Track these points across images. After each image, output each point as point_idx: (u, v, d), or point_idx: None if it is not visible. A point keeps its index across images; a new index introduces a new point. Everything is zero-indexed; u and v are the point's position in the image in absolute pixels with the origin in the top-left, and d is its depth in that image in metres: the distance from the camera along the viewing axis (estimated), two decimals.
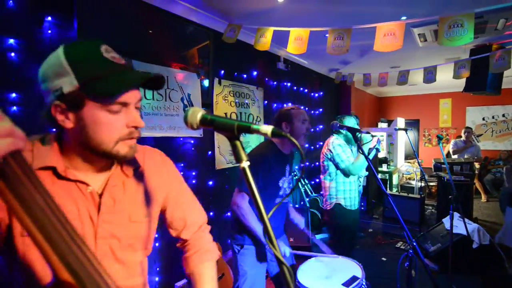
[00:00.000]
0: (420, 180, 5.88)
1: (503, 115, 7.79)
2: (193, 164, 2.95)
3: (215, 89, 3.25)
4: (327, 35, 2.63)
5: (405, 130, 3.19)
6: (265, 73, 4.09)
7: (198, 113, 0.57)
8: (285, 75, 4.50)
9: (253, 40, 2.94)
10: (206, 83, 3.12)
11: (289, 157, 1.80)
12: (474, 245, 3.19)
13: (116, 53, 0.68)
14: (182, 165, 2.83)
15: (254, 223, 1.60)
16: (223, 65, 3.34)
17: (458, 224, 3.11)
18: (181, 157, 2.83)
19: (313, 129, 5.27)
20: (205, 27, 3.08)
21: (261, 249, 1.74)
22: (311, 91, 5.39)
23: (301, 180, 4.61)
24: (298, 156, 3.33)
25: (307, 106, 5.20)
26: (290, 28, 2.77)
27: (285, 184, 1.78)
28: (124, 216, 0.75)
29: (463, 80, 4.09)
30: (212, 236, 1.01)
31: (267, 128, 0.52)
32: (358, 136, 2.23)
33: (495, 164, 6.96)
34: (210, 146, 3.21)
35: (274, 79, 4.29)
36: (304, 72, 5.19)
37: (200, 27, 3.03)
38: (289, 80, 4.66)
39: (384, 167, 6.36)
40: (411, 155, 8.15)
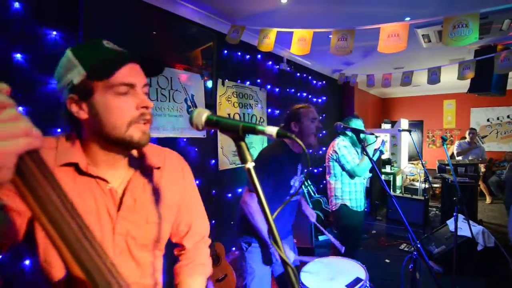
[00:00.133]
0: (424, 181, 5.85)
1: (508, 116, 7.72)
2: (196, 165, 2.95)
3: (219, 90, 3.26)
4: (330, 36, 2.62)
5: (409, 131, 3.17)
6: (269, 74, 4.08)
7: (203, 114, 0.58)
8: (288, 76, 4.50)
9: (257, 41, 2.94)
10: (209, 84, 3.13)
11: (300, 156, 1.79)
12: (479, 247, 3.16)
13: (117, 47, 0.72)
14: None
15: (261, 223, 1.60)
16: (226, 66, 3.34)
17: (462, 226, 3.10)
18: (184, 158, 2.83)
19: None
20: (208, 28, 3.09)
21: (266, 251, 1.73)
22: (314, 92, 5.38)
23: (304, 181, 4.59)
24: (309, 154, 3.34)
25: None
26: (293, 29, 2.77)
27: (296, 183, 1.77)
28: (142, 216, 0.77)
29: (468, 81, 4.07)
30: (212, 238, 1.01)
31: (272, 129, 0.53)
32: (362, 137, 2.23)
33: (500, 165, 6.89)
34: (213, 147, 3.22)
35: (277, 80, 4.29)
36: (308, 73, 5.19)
37: (203, 28, 3.04)
38: (291, 82, 4.66)
39: (387, 168, 6.33)
40: (415, 157, 8.11)
